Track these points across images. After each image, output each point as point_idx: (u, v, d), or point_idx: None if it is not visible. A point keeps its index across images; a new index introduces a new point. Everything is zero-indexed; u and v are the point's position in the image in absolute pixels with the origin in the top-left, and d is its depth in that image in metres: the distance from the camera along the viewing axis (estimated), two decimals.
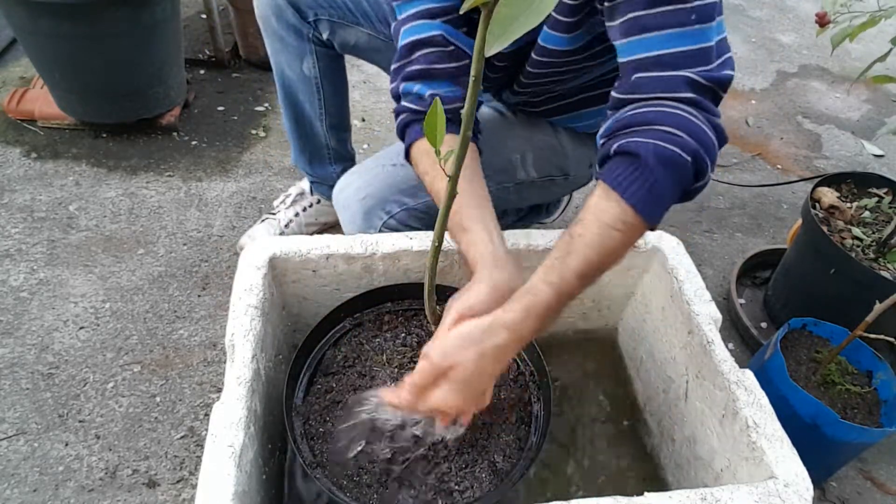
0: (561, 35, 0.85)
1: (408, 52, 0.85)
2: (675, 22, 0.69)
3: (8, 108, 1.65)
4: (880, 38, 2.35)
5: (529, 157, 1.06)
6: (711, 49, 0.71)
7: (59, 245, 1.37)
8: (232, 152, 1.68)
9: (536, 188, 1.11)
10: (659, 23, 0.70)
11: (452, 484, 0.74)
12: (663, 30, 0.70)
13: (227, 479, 0.63)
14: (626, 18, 0.72)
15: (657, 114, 0.68)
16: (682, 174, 0.67)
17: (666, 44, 0.70)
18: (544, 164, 1.09)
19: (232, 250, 1.40)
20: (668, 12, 0.69)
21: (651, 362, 1.01)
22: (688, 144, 0.66)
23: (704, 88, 0.70)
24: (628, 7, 0.72)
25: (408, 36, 0.85)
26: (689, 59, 0.70)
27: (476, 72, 0.40)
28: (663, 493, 0.67)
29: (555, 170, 1.11)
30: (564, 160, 1.11)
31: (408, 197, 0.99)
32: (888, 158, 2.02)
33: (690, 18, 0.69)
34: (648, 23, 0.71)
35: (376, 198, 0.98)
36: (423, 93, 0.84)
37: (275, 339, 0.89)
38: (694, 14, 0.69)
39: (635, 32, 0.72)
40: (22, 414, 1.08)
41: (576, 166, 1.13)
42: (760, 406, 0.77)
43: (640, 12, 0.71)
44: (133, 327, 1.23)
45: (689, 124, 0.67)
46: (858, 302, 1.03)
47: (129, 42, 1.48)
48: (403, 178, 0.98)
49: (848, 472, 1.15)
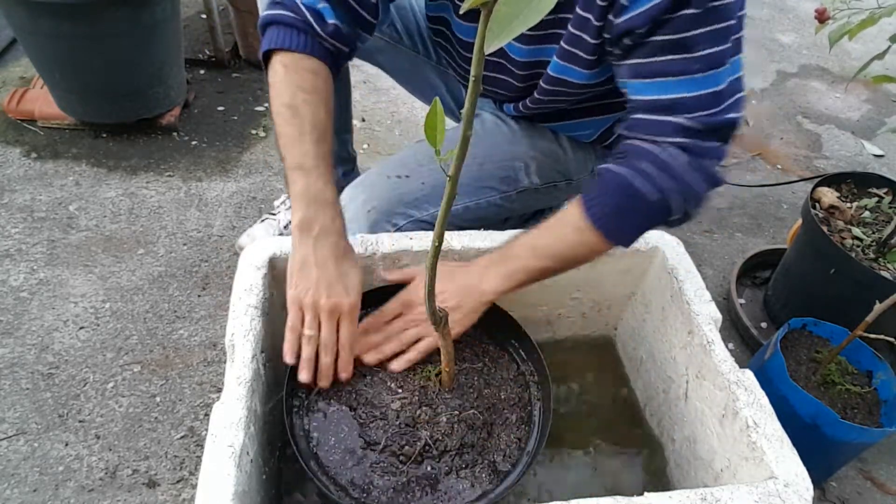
0: (580, 70, 0.86)
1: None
2: (678, 70, 0.72)
3: (8, 108, 1.65)
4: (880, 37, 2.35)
5: (532, 165, 1.06)
6: (718, 94, 0.72)
7: (59, 245, 1.37)
8: (232, 152, 1.68)
9: (540, 195, 1.11)
10: (662, 69, 0.72)
11: (453, 484, 0.74)
12: (665, 77, 0.72)
13: (227, 479, 0.63)
14: (633, 62, 0.75)
15: (642, 149, 0.74)
16: (642, 206, 0.74)
17: (666, 90, 0.73)
18: (547, 170, 1.08)
19: (232, 250, 1.40)
20: (672, 61, 0.71)
21: (651, 362, 1.01)
22: (660, 183, 0.72)
23: (702, 132, 0.73)
24: (636, 52, 0.74)
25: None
26: (689, 104, 0.72)
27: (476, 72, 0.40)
28: (663, 493, 0.67)
29: (557, 175, 1.10)
30: (566, 165, 1.10)
31: (413, 209, 0.98)
32: (888, 158, 2.02)
33: (694, 67, 0.71)
34: (653, 69, 0.73)
35: (382, 210, 0.97)
36: (327, 18, 0.81)
37: (275, 339, 0.89)
38: (698, 63, 0.71)
39: (639, 76, 0.74)
40: (22, 414, 1.08)
41: (578, 170, 1.12)
42: (760, 406, 0.77)
43: (646, 59, 0.73)
44: (133, 327, 1.23)
45: (667, 165, 0.72)
46: (858, 302, 1.03)
47: (129, 42, 1.48)
48: (409, 191, 0.97)
49: (848, 472, 1.15)
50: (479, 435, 0.78)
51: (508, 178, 1.04)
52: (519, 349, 0.89)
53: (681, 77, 0.72)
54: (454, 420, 0.78)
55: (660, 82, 0.73)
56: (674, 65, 0.71)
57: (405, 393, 0.80)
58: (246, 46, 1.97)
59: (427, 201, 0.97)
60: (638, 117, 0.76)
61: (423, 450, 0.75)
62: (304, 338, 0.75)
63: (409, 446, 0.75)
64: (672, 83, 0.72)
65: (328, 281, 0.75)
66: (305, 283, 0.75)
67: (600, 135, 1.08)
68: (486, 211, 1.04)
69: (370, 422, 0.77)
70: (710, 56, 0.71)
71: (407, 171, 0.98)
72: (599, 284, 1.03)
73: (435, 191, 0.98)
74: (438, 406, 0.79)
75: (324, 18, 0.81)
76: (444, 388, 0.81)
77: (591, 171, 1.14)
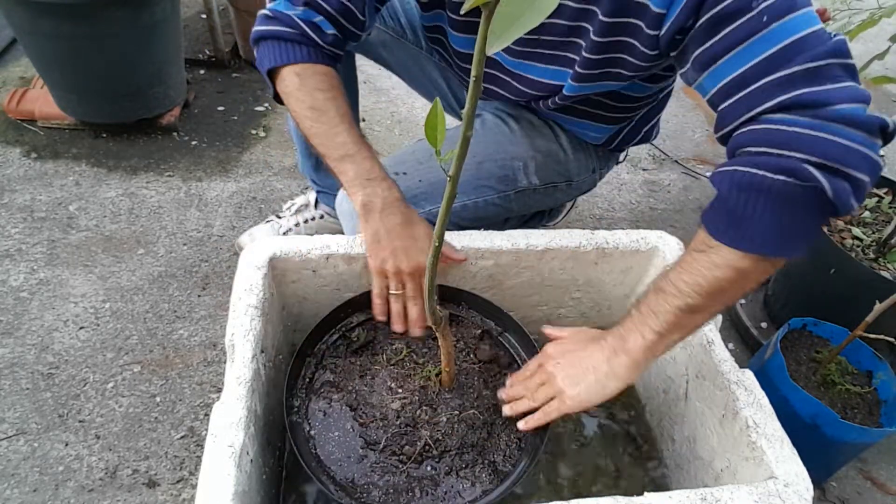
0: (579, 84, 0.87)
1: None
2: (745, 35, 0.61)
3: (8, 108, 1.65)
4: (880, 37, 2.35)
5: (532, 165, 1.06)
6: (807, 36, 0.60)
7: (59, 245, 1.37)
8: (232, 152, 1.68)
9: (539, 195, 1.11)
10: (727, 44, 0.63)
11: (453, 484, 0.74)
12: (734, 49, 0.62)
13: (227, 479, 0.63)
14: (696, 56, 0.67)
15: (747, 135, 0.62)
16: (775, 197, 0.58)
17: (741, 61, 0.62)
18: (547, 171, 1.08)
19: (232, 250, 1.40)
20: (733, 30, 0.62)
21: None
22: (778, 161, 0.58)
23: (807, 79, 0.58)
24: (691, 46, 0.68)
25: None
26: (777, 62, 0.60)
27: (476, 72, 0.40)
28: (663, 493, 0.67)
29: (557, 176, 1.10)
30: (567, 166, 1.10)
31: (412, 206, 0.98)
32: (888, 158, 2.02)
33: (762, 21, 0.60)
34: (717, 49, 0.64)
35: None
36: (326, 29, 0.84)
37: (275, 339, 0.89)
38: (765, 16, 0.60)
39: (707, 65, 0.66)
40: (22, 414, 1.08)
41: (578, 171, 1.12)
42: (760, 406, 0.77)
43: (705, 45, 0.66)
44: (133, 327, 1.23)
45: (780, 136, 0.58)
46: (858, 302, 1.03)
47: (129, 42, 1.48)
48: (407, 188, 0.97)
49: (848, 472, 1.15)
50: (480, 435, 0.78)
51: (507, 177, 1.04)
52: (519, 349, 0.89)
53: (751, 39, 0.61)
54: (454, 420, 0.78)
55: (730, 58, 0.62)
56: (738, 32, 0.61)
57: (405, 393, 0.80)
58: (246, 46, 1.97)
59: (425, 198, 0.97)
60: (723, 107, 0.65)
61: (424, 450, 0.75)
62: (392, 297, 0.83)
63: (410, 446, 0.75)
64: (745, 50, 0.61)
65: (404, 246, 0.81)
66: (383, 252, 0.81)
67: (608, 138, 1.08)
68: (484, 210, 1.04)
69: (370, 422, 0.77)
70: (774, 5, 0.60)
71: (405, 169, 0.98)
72: (599, 284, 1.03)
73: (432, 188, 0.98)
74: (439, 406, 0.79)
75: (322, 30, 0.84)
76: (444, 388, 0.81)
77: (591, 170, 1.14)
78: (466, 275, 0.95)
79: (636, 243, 0.97)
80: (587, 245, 0.94)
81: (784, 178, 0.57)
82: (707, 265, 0.64)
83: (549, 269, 0.97)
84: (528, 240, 0.94)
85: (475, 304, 0.92)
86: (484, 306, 0.92)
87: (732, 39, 0.62)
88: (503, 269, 0.96)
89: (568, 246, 0.95)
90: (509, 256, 0.94)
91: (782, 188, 0.57)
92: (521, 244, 0.93)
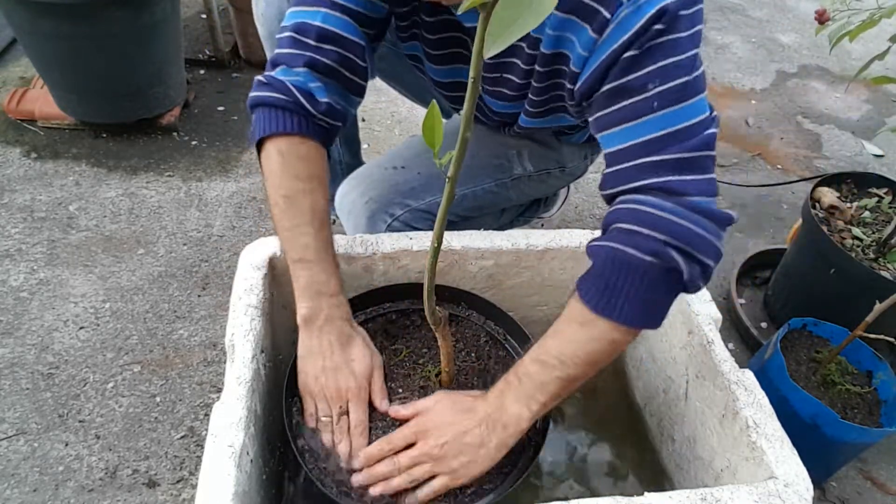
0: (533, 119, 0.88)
1: (317, 38, 0.78)
2: (634, 114, 0.67)
3: (8, 108, 1.65)
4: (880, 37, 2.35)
5: (525, 152, 1.07)
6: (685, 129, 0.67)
7: (59, 245, 1.37)
8: (232, 152, 1.68)
9: (534, 182, 1.12)
10: (619, 118, 0.69)
11: None
12: (623, 123, 0.68)
13: (227, 479, 0.63)
14: (595, 118, 0.73)
15: (621, 211, 0.67)
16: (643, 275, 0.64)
17: (627, 137, 0.68)
18: (540, 158, 1.09)
19: (232, 250, 1.40)
20: (627, 106, 0.68)
21: (651, 362, 1.01)
22: (645, 242, 0.64)
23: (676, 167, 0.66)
24: (593, 108, 0.73)
25: (323, 21, 0.77)
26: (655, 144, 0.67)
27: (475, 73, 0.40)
28: (663, 493, 0.67)
29: (551, 163, 1.12)
30: (560, 152, 1.12)
31: (411, 199, 0.99)
32: (888, 158, 2.02)
33: (652, 106, 0.66)
34: (611, 119, 0.70)
35: (380, 201, 0.98)
36: (319, 97, 0.79)
37: (275, 339, 0.89)
38: (655, 101, 0.66)
39: (602, 129, 0.72)
40: (22, 414, 1.08)
41: (571, 157, 1.14)
42: (760, 406, 0.77)
43: (603, 112, 0.71)
44: (133, 327, 1.23)
45: (650, 216, 0.64)
46: (858, 302, 1.03)
47: (129, 42, 1.48)
48: (406, 181, 0.98)
49: (848, 472, 1.15)
50: None
51: (502, 165, 1.05)
52: (519, 349, 0.89)
53: (640, 120, 0.67)
54: None
55: (624, 129, 0.69)
56: (628, 111, 0.68)
57: (405, 393, 0.80)
58: (246, 46, 1.97)
59: (424, 190, 0.97)
60: (608, 171, 0.71)
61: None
62: (320, 424, 0.76)
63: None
64: (635, 126, 0.68)
65: (334, 367, 0.76)
66: (312, 371, 0.76)
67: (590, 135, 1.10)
68: (482, 199, 1.05)
69: (370, 422, 0.77)
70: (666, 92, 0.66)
71: (403, 162, 0.99)
72: None
73: (431, 180, 0.99)
74: None
75: (315, 98, 0.78)
76: (444, 387, 0.81)
77: (584, 156, 1.16)
78: (466, 275, 0.95)
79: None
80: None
81: (651, 259, 0.64)
82: (585, 338, 0.68)
83: (549, 269, 0.97)
84: (528, 240, 0.94)
85: (475, 304, 0.92)
86: (484, 306, 0.92)
87: (624, 114, 0.68)
88: (503, 269, 0.96)
89: (568, 246, 0.95)
90: (509, 256, 0.94)
91: (649, 268, 0.64)
92: (521, 244, 0.93)
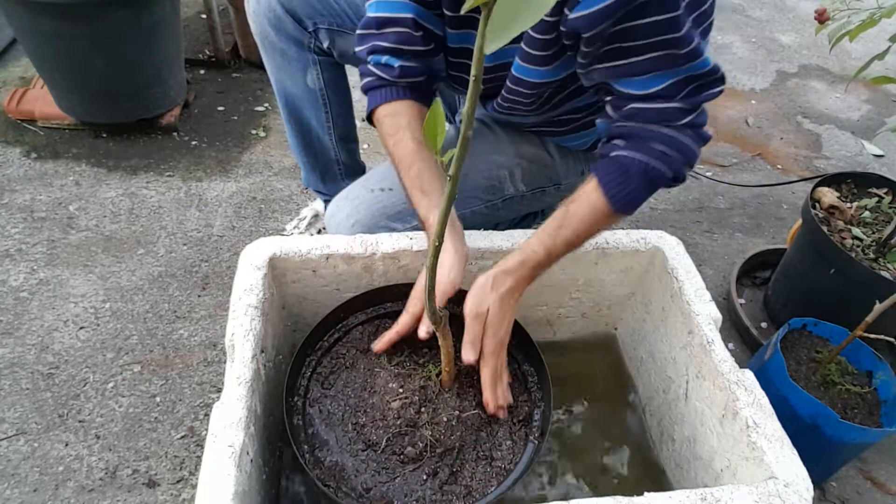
0: (534, 68, 0.86)
1: (377, 26, 0.89)
2: (665, 66, 0.75)
3: (8, 108, 1.65)
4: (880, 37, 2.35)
5: (518, 172, 1.05)
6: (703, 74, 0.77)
7: (59, 245, 1.37)
8: (232, 152, 1.68)
9: (527, 200, 1.11)
10: (649, 67, 0.76)
11: (452, 484, 0.74)
12: (655, 71, 0.76)
13: (227, 479, 0.63)
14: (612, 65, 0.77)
15: (654, 132, 0.79)
16: (660, 184, 0.81)
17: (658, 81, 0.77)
18: (534, 176, 1.08)
19: (232, 250, 1.40)
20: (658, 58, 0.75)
21: (651, 362, 1.01)
22: (674, 161, 0.79)
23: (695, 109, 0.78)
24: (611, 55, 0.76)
25: (378, 10, 0.88)
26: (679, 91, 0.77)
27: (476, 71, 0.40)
28: (663, 493, 0.68)
29: (545, 181, 1.10)
30: (554, 170, 1.10)
31: (396, 222, 0.98)
32: (888, 158, 2.02)
33: (679, 62, 0.75)
34: (639, 68, 0.76)
35: (365, 224, 0.98)
36: (393, 64, 0.89)
37: (275, 339, 0.89)
38: (682, 59, 0.75)
39: (626, 75, 0.78)
40: (22, 414, 1.08)
41: (566, 174, 1.12)
42: (760, 406, 0.77)
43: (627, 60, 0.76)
44: (133, 327, 1.23)
45: (679, 143, 0.79)
46: (858, 302, 1.03)
47: (129, 42, 1.48)
48: (392, 204, 0.98)
49: (848, 472, 1.15)
50: (480, 434, 0.78)
51: (493, 187, 1.04)
52: (519, 349, 0.89)
53: (669, 70, 0.75)
54: (455, 420, 0.78)
55: (651, 77, 0.76)
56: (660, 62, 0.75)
57: (405, 393, 0.80)
58: (246, 46, 1.97)
59: (410, 214, 0.96)
60: (636, 106, 0.79)
61: (424, 450, 0.75)
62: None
63: (411, 447, 0.75)
64: (662, 75, 0.76)
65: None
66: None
67: (592, 143, 1.08)
68: (471, 221, 1.04)
69: (370, 422, 0.77)
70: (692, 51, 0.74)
71: (389, 184, 0.98)
72: (599, 284, 1.03)
73: None
74: (439, 406, 0.79)
75: (390, 66, 0.89)
76: (444, 388, 0.81)
77: (580, 173, 1.14)
78: (467, 275, 0.95)
79: (636, 243, 0.97)
80: (587, 245, 0.94)
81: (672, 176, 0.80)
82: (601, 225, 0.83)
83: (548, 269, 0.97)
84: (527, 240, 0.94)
85: None
86: None
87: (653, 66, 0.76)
88: None
89: None
90: None
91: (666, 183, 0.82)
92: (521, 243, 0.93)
